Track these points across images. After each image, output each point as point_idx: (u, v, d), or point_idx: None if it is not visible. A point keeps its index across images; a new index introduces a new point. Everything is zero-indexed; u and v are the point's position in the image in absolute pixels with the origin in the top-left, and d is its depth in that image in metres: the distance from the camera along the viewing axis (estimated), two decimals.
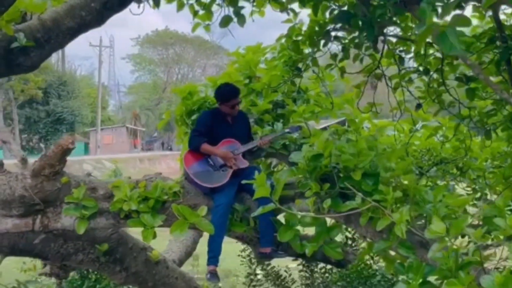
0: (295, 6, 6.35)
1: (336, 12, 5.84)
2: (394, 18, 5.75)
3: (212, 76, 7.75)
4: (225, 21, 6.25)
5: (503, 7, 5.63)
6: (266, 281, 8.72)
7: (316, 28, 6.57)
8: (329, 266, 8.44)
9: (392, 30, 6.52)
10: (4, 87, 50.42)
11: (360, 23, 5.42)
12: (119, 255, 6.31)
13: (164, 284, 6.58)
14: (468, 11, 10.43)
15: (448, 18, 3.58)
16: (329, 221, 5.49)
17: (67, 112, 53.09)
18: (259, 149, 6.08)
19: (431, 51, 6.79)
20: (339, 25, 6.27)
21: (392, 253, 5.28)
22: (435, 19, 3.67)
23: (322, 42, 6.61)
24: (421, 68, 6.89)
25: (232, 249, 8.53)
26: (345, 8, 5.83)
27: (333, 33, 6.52)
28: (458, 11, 4.19)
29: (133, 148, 66.69)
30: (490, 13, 5.59)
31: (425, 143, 8.06)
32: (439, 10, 3.72)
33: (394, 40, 6.70)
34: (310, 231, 5.47)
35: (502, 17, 5.87)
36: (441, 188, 5.23)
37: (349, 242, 8.46)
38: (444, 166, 8.02)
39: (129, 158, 45.11)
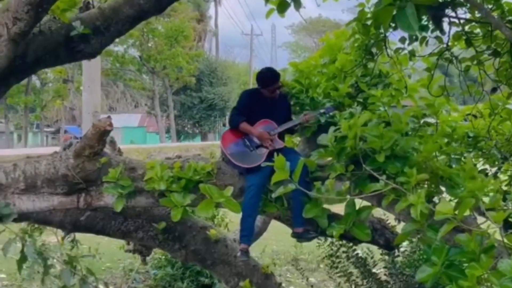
0: None
1: None
2: None
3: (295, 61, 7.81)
4: (282, 7, 6.26)
5: None
6: (348, 263, 8.68)
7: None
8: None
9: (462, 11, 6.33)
10: (161, 75, 52.72)
11: None
12: (177, 233, 6.58)
13: (223, 262, 6.77)
14: None
15: None
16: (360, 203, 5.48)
17: (218, 99, 54.78)
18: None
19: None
20: None
21: None
22: None
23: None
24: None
25: None
26: None
27: None
28: None
29: None
30: None
31: (508, 127, 7.67)
32: None
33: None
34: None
35: None
36: (470, 171, 5.07)
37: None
38: None
39: None
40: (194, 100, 55.43)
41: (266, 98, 5.97)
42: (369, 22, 6.91)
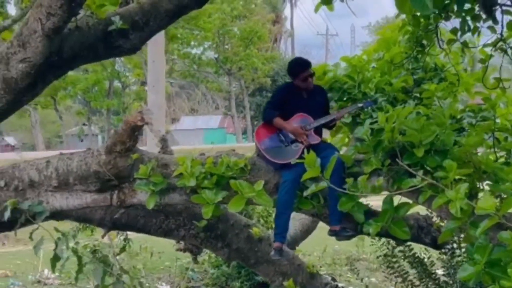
0: None
1: None
2: None
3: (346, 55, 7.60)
4: None
5: None
6: (404, 263, 8.39)
7: None
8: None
9: None
10: (237, 76, 53.07)
11: None
12: (220, 231, 6.46)
13: (266, 261, 6.61)
14: None
15: None
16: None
17: None
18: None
19: None
20: None
21: None
22: None
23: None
24: None
25: None
26: None
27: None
28: None
29: None
30: None
31: None
32: None
33: None
34: None
35: None
36: None
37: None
38: None
39: None
40: None
41: (301, 91, 5.76)
42: (419, 13, 6.66)
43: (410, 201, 5.19)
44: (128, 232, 7.29)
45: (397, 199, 5.25)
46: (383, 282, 10.44)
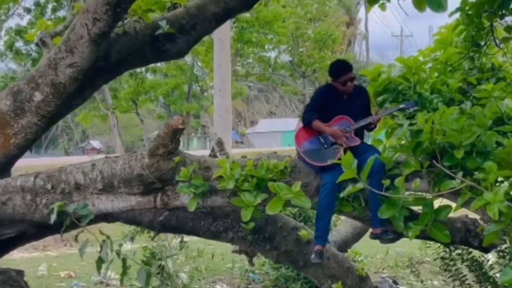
0: None
1: None
2: None
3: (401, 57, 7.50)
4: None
5: None
6: (462, 266, 8.21)
7: None
8: None
9: None
10: (311, 79, 52.94)
11: None
12: (268, 233, 6.44)
13: (315, 264, 6.52)
14: None
15: None
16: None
17: None
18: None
19: None
20: None
21: None
22: None
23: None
24: None
25: None
26: None
27: None
28: None
29: None
30: None
31: None
32: None
33: None
34: None
35: None
36: None
37: None
38: None
39: None
40: None
41: (342, 93, 5.71)
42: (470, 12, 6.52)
43: (453, 204, 5.08)
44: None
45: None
46: (444, 286, 10.24)
